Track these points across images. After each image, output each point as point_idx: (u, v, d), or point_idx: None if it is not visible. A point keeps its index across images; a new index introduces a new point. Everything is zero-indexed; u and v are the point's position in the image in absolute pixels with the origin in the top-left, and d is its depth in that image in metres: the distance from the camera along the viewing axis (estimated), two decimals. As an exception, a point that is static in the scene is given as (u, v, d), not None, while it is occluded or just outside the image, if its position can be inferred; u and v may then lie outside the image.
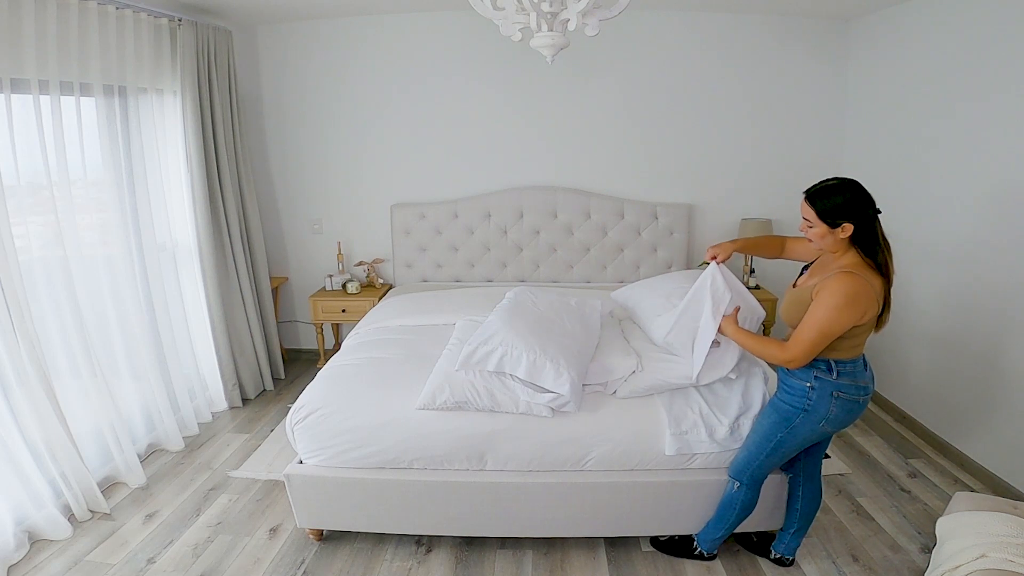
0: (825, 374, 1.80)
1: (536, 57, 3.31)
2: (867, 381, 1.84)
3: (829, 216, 1.71)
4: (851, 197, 1.70)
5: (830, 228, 1.72)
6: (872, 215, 1.71)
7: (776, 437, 1.93)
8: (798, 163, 3.82)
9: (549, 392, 2.12)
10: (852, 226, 1.70)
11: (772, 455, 1.97)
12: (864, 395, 1.83)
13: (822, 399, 1.81)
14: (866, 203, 1.70)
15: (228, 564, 2.27)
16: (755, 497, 2.09)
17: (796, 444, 1.93)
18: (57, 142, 2.44)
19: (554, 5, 1.91)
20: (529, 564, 2.28)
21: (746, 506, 2.09)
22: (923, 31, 3.02)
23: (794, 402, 1.87)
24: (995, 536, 1.86)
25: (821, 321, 1.70)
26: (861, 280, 1.68)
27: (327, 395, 2.27)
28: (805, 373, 1.84)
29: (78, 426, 2.55)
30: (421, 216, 3.89)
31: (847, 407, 1.82)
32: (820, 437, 1.93)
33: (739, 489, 2.06)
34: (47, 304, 2.49)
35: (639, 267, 3.89)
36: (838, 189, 1.72)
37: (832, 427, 1.86)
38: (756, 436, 2.02)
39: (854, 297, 1.67)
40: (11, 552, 2.23)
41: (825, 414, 1.82)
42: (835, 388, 1.80)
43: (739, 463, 2.06)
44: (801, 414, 1.86)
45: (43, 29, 2.32)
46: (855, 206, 1.69)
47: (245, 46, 3.76)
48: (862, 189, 1.71)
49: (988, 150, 2.66)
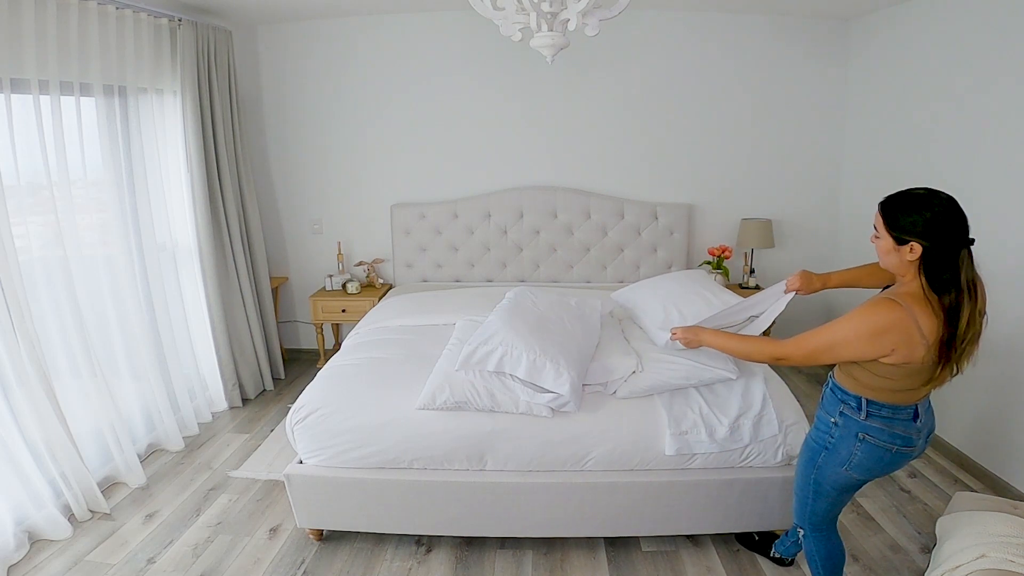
0: (853, 412, 1.59)
1: (536, 57, 3.31)
2: (911, 432, 1.57)
3: (896, 230, 1.45)
4: (931, 216, 1.40)
5: (896, 244, 1.46)
6: (956, 243, 1.40)
7: (811, 478, 1.74)
8: (798, 163, 3.82)
9: (549, 392, 2.12)
10: (921, 248, 1.42)
11: (817, 499, 1.76)
12: (902, 445, 1.57)
13: (845, 439, 1.61)
14: (950, 226, 1.40)
15: (228, 564, 2.27)
16: (829, 547, 1.84)
17: (832, 488, 1.71)
18: (57, 142, 2.44)
19: (554, 5, 1.91)
20: (529, 564, 2.28)
21: (824, 555, 1.85)
22: (923, 31, 3.02)
23: (819, 438, 1.70)
24: (995, 536, 1.86)
25: (835, 336, 1.52)
26: (901, 313, 1.41)
27: (327, 395, 2.27)
28: (833, 407, 1.66)
29: (78, 426, 2.55)
30: (421, 216, 3.89)
31: (876, 454, 1.58)
32: (851, 484, 1.69)
33: (805, 538, 1.88)
34: (47, 304, 2.49)
35: (639, 267, 3.89)
36: (918, 202, 1.43)
37: (858, 474, 1.63)
38: (797, 479, 1.83)
39: (883, 329, 1.43)
40: (11, 552, 2.23)
41: (848, 457, 1.61)
42: (861, 429, 1.58)
43: (795, 508, 1.88)
44: (823, 452, 1.68)
45: (43, 29, 2.32)
46: (933, 227, 1.40)
47: (245, 46, 3.76)
48: (952, 210, 1.41)
49: (989, 149, 2.65)
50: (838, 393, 1.65)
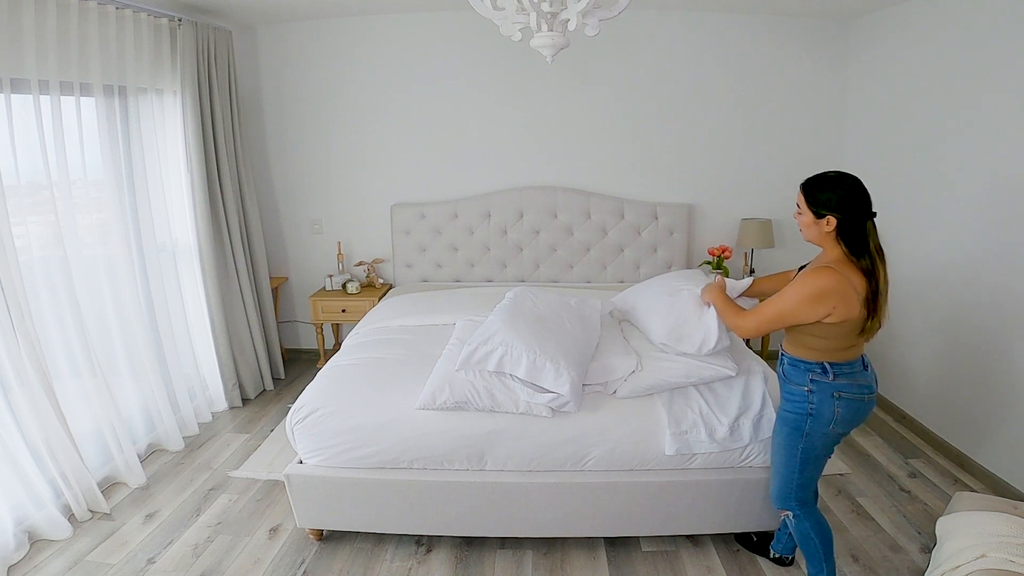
0: (822, 376, 1.79)
1: (536, 57, 3.29)
2: (869, 380, 1.82)
3: (815, 205, 1.71)
4: (843, 194, 1.68)
5: (815, 219, 1.72)
6: (863, 215, 1.68)
7: (798, 449, 1.86)
8: (798, 163, 3.82)
9: (549, 392, 2.12)
10: (836, 220, 1.68)
11: (804, 469, 1.89)
12: (868, 393, 1.81)
13: (824, 401, 1.79)
14: (857, 202, 1.67)
15: (228, 564, 2.27)
16: (818, 519, 1.95)
17: (818, 452, 1.87)
18: (57, 142, 2.44)
19: (554, 5, 1.91)
20: (529, 564, 2.28)
21: (818, 530, 1.94)
22: (923, 31, 3.02)
23: (798, 409, 1.84)
24: (995, 536, 1.86)
25: (783, 304, 1.75)
26: (838, 277, 1.66)
27: (327, 395, 2.27)
28: (801, 377, 1.82)
29: (78, 426, 2.55)
30: (421, 216, 3.89)
31: (852, 406, 1.79)
32: (835, 440, 1.87)
33: (796, 518, 1.95)
34: (47, 304, 2.49)
35: (639, 267, 3.89)
36: (831, 182, 1.71)
37: (842, 428, 1.82)
38: (779, 456, 1.94)
39: (824, 292, 1.66)
40: (11, 552, 2.23)
41: (832, 416, 1.79)
42: (835, 389, 1.78)
43: (778, 492, 1.97)
44: (808, 419, 1.82)
45: (43, 29, 2.32)
46: (844, 202, 1.67)
47: (245, 46, 3.76)
48: (858, 189, 1.69)
49: (989, 149, 2.65)
50: (801, 365, 1.83)
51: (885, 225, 1.75)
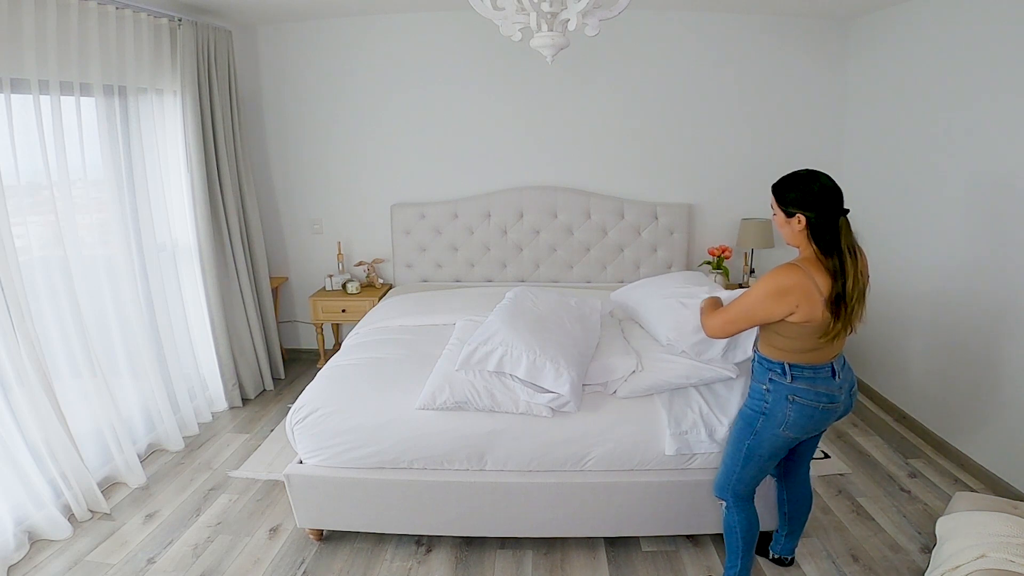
0: (780, 377, 1.77)
1: (536, 57, 3.29)
2: (832, 389, 1.76)
3: (784, 204, 1.69)
4: (811, 192, 1.64)
5: (786, 218, 1.70)
6: (833, 213, 1.63)
7: (744, 445, 1.88)
8: (798, 163, 3.74)
9: (549, 392, 2.12)
10: (805, 219, 1.65)
11: (746, 466, 1.90)
12: (827, 402, 1.76)
13: (778, 402, 1.77)
14: (826, 200, 1.63)
15: (228, 564, 2.27)
16: (749, 516, 1.97)
17: (766, 452, 1.86)
18: (57, 142, 2.44)
19: (554, 5, 1.91)
20: (529, 564, 2.28)
21: (745, 526, 1.96)
22: (923, 31, 3.02)
23: (754, 405, 1.84)
24: (995, 536, 1.86)
25: (745, 303, 1.73)
26: (800, 274, 1.63)
27: (327, 395, 2.27)
28: (763, 375, 1.82)
29: (78, 426, 2.55)
30: (421, 216, 3.89)
31: (806, 412, 1.76)
32: (786, 443, 1.84)
33: (727, 509, 1.98)
34: (47, 304, 2.49)
35: (639, 267, 3.89)
36: (800, 180, 1.67)
37: (793, 432, 1.80)
38: (728, 447, 1.96)
39: (784, 289, 1.63)
40: (11, 552, 2.23)
41: (783, 419, 1.77)
42: (789, 392, 1.75)
43: (719, 479, 1.99)
44: (761, 418, 1.82)
45: (43, 29, 2.32)
46: (813, 200, 1.63)
47: (245, 46, 3.76)
48: (827, 186, 1.64)
49: (989, 149, 2.65)
50: (764, 363, 1.82)
51: (885, 225, 1.75)
